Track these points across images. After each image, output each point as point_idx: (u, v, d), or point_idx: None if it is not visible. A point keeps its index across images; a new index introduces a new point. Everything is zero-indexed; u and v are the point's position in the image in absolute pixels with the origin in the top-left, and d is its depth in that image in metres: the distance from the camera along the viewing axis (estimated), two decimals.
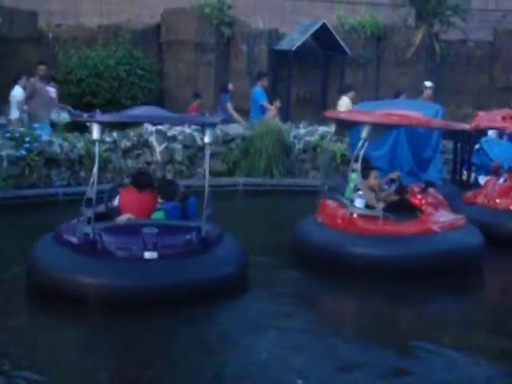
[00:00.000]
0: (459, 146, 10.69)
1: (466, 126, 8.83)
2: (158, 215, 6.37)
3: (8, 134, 10.06)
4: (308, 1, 16.29)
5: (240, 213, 10.31)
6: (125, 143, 10.99)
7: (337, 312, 6.43)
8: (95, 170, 6.02)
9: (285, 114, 13.92)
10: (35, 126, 10.76)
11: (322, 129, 11.95)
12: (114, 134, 11.14)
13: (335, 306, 6.59)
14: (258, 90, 13.00)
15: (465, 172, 10.44)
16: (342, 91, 13.32)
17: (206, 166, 6.41)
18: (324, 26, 14.62)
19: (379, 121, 7.25)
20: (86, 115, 6.44)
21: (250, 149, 11.57)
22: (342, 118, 7.93)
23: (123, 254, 5.85)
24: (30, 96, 11.63)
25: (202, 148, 11.54)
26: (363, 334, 5.61)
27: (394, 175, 7.85)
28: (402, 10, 15.60)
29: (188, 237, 6.05)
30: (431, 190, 7.62)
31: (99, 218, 6.10)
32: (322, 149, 10.97)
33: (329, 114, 8.43)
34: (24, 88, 11.90)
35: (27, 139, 10.01)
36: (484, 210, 8.27)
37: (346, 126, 7.98)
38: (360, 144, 7.09)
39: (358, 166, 7.07)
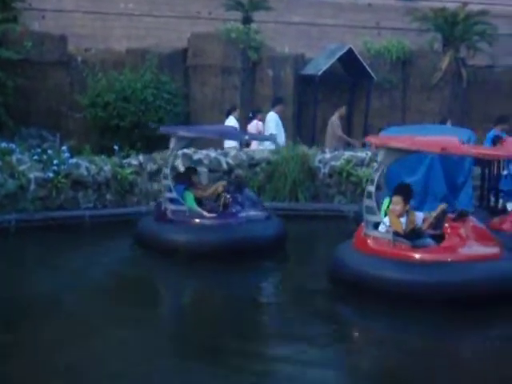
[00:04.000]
0: (487, 172, 10.57)
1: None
2: None
3: (36, 157, 10.17)
4: (334, 26, 16.36)
5: None
6: (151, 166, 11.04)
7: None
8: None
9: (310, 139, 13.93)
10: None
11: (347, 153, 11.92)
12: (140, 157, 11.21)
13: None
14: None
15: (492, 198, 10.31)
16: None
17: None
18: (350, 50, 14.65)
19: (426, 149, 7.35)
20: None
21: (274, 173, 11.56)
22: (393, 146, 7.42)
23: None
24: (335, 133, 13.42)
25: (227, 172, 11.59)
26: None
27: (441, 208, 7.59)
28: (428, 35, 15.57)
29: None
30: (471, 219, 7.50)
31: None
32: None
33: (375, 140, 8.11)
34: (237, 120, 12.56)
35: (55, 162, 10.11)
36: (510, 237, 8.12)
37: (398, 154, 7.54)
38: (376, 167, 7.23)
39: (372, 188, 7.19)
